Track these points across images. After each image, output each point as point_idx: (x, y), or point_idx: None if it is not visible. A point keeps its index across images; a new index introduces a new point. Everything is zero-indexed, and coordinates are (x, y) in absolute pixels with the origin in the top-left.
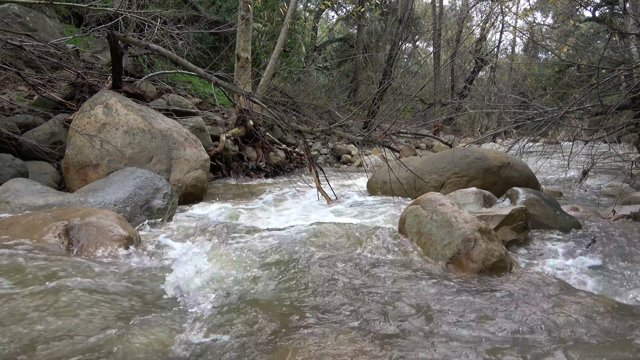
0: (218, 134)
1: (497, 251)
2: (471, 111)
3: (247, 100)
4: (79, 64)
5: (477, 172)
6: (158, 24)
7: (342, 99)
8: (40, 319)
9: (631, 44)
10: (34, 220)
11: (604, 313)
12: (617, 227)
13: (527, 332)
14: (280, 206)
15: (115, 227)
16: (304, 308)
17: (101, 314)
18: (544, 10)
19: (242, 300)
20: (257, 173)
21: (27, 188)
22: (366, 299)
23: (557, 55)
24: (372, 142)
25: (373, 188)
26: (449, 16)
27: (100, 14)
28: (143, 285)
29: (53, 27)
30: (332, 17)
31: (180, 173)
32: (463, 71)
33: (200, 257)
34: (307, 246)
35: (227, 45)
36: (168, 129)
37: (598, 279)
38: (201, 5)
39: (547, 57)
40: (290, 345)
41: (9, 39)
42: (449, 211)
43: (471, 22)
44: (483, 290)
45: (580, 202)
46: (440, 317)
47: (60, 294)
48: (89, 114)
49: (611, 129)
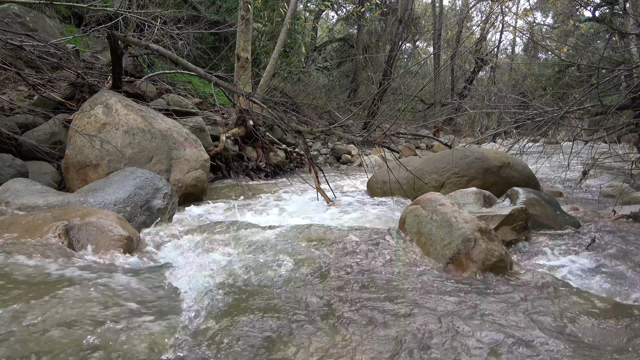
0: (218, 134)
1: (497, 251)
2: (471, 111)
3: (247, 100)
4: (79, 64)
5: (477, 172)
6: (158, 24)
7: (342, 99)
8: (39, 319)
9: (631, 44)
10: (34, 220)
11: (603, 313)
12: (617, 227)
13: (527, 332)
14: (280, 206)
15: (115, 227)
16: (303, 307)
17: (101, 314)
18: (544, 10)
19: (241, 299)
20: (257, 173)
21: (27, 188)
22: (365, 299)
23: (557, 55)
24: (372, 142)
25: (373, 188)
26: (449, 16)
27: (100, 14)
28: (143, 284)
29: (53, 27)
30: (332, 17)
31: (180, 173)
32: (463, 71)
33: (200, 256)
34: (306, 246)
35: (227, 45)
36: (168, 129)
37: (598, 279)
38: (201, 5)
39: (547, 57)
40: (290, 344)
41: (9, 39)
42: (449, 211)
43: (471, 22)
44: (483, 290)
45: (580, 202)
46: (440, 317)
47: (59, 294)
48: (89, 114)
49: (611, 129)
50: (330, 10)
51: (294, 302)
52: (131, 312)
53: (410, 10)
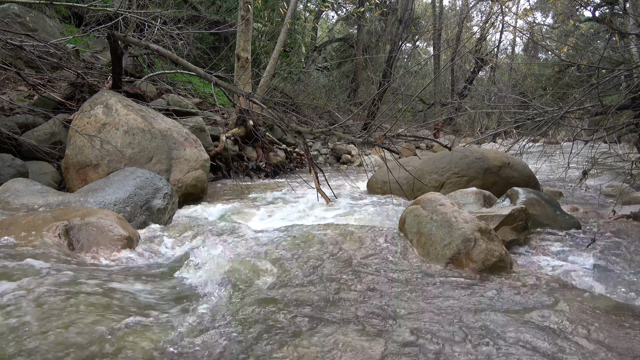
0: (218, 134)
1: (497, 251)
2: (471, 111)
3: (247, 100)
4: (79, 64)
5: (477, 172)
6: (158, 24)
7: (342, 99)
8: (38, 319)
9: (631, 44)
10: (34, 220)
11: (603, 313)
12: (617, 227)
13: (527, 332)
14: (280, 206)
15: (115, 227)
16: (303, 308)
17: (100, 314)
18: (544, 10)
19: (241, 300)
20: (257, 173)
21: (27, 188)
22: (365, 299)
23: (557, 55)
24: (372, 143)
25: (373, 188)
26: (449, 16)
27: (100, 14)
28: (142, 285)
29: (53, 27)
30: (332, 17)
31: (180, 173)
32: (463, 71)
33: (200, 256)
34: (306, 246)
35: (227, 45)
36: (168, 129)
37: (598, 279)
38: (201, 5)
39: (547, 57)
40: (289, 344)
41: (9, 39)
42: (449, 211)
43: (471, 22)
44: (483, 290)
45: (580, 202)
46: (440, 317)
47: (59, 294)
48: (89, 114)
49: (611, 129)
50: (330, 10)
51: (293, 301)
52: (131, 312)
53: (410, 10)
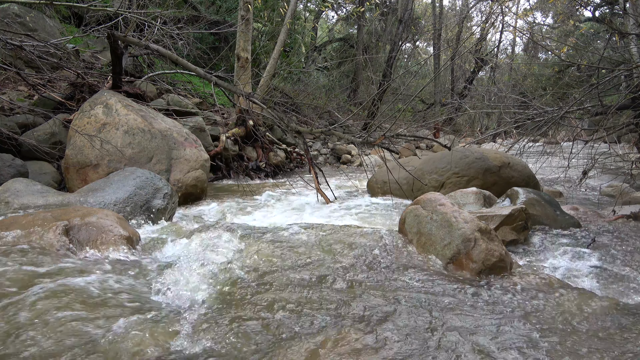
0: (218, 134)
1: (497, 251)
2: (471, 111)
3: (246, 100)
4: (79, 64)
5: (477, 172)
6: (158, 24)
7: (342, 99)
8: (37, 319)
9: (631, 44)
10: (34, 220)
11: (603, 313)
12: (617, 227)
13: (527, 331)
14: (279, 206)
15: (115, 227)
16: (302, 308)
17: (99, 314)
18: (544, 10)
19: (240, 300)
20: (257, 173)
21: (27, 188)
22: (365, 299)
23: (557, 55)
24: (371, 143)
25: (373, 188)
26: (449, 16)
27: (100, 14)
28: (142, 284)
29: (53, 27)
30: (332, 17)
31: (180, 173)
32: (463, 71)
33: (200, 257)
34: (305, 246)
35: (227, 45)
36: (168, 129)
37: (598, 278)
38: (201, 5)
39: (547, 57)
40: (289, 345)
41: (9, 39)
42: (449, 211)
43: (471, 22)
44: (483, 290)
45: (580, 202)
46: (440, 317)
47: (58, 294)
48: (89, 114)
49: (611, 129)
50: (330, 10)
51: (292, 302)
52: (130, 311)
53: (410, 10)
